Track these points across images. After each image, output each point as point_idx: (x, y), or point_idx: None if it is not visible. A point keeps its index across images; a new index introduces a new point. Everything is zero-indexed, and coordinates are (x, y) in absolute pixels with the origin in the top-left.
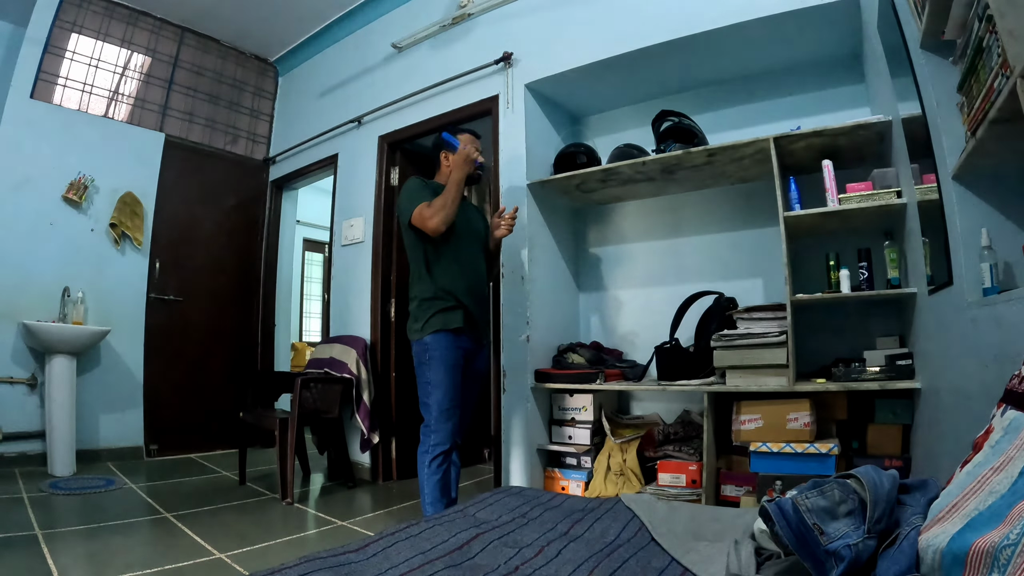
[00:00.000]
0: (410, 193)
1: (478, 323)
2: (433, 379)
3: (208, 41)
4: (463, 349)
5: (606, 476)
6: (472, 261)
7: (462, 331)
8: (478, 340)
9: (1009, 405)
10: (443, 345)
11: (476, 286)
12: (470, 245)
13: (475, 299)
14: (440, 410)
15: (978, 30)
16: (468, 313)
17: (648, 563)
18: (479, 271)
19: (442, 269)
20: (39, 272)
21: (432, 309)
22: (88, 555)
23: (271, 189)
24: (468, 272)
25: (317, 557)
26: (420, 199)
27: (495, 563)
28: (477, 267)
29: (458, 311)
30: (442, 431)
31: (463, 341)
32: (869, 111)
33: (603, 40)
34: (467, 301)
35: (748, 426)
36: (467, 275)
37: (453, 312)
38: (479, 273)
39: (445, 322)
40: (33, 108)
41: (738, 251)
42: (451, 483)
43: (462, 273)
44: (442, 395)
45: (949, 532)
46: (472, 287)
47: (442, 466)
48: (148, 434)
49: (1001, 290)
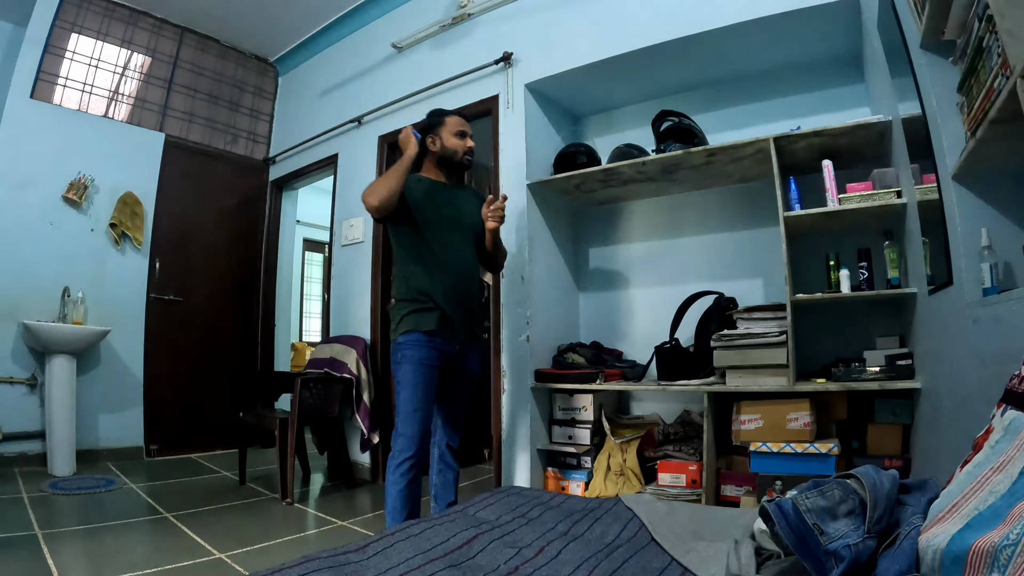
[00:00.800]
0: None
1: (456, 325)
2: (401, 378)
3: (208, 41)
4: (438, 350)
5: (606, 476)
6: (457, 256)
7: (436, 333)
8: (462, 342)
9: (1009, 405)
10: (413, 343)
11: (460, 285)
12: (457, 238)
13: (456, 299)
14: (404, 411)
15: (978, 30)
16: (445, 315)
17: (648, 563)
18: (465, 267)
19: (420, 268)
20: (39, 272)
21: (405, 310)
22: (88, 555)
23: (271, 189)
24: (450, 270)
25: (317, 557)
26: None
27: (495, 563)
28: (462, 263)
29: (433, 313)
30: (406, 435)
31: (438, 343)
32: (869, 111)
33: (603, 40)
34: (445, 302)
35: (748, 426)
36: (448, 273)
37: (427, 314)
38: (465, 269)
39: (417, 323)
40: (33, 108)
41: (738, 251)
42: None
43: (442, 271)
44: (409, 394)
45: (949, 532)
46: (454, 287)
47: (407, 474)
48: (148, 434)
49: (1001, 290)
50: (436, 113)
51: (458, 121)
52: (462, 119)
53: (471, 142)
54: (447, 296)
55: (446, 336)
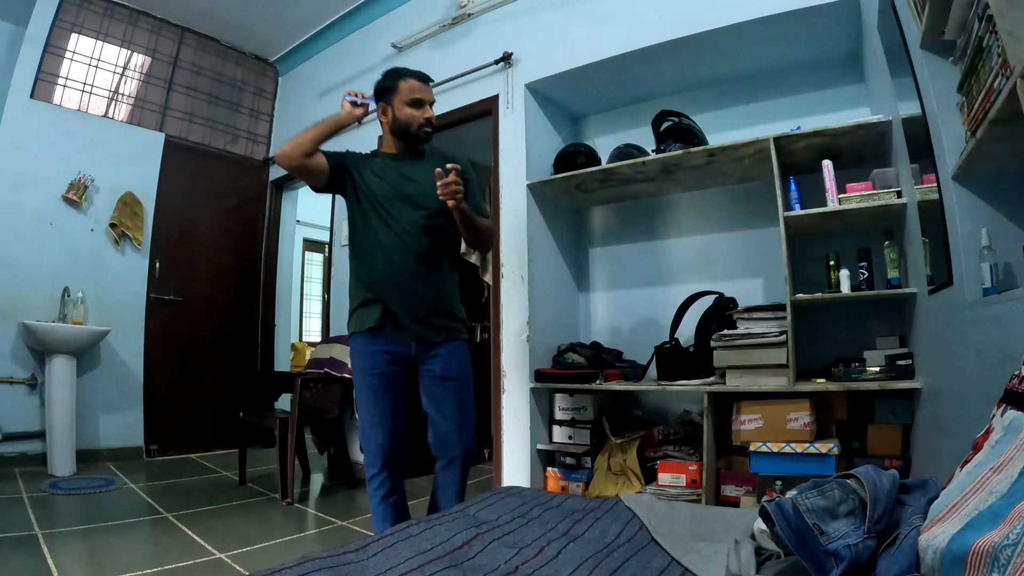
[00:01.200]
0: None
1: (403, 320)
2: (356, 390)
3: (208, 41)
4: (387, 352)
5: (606, 476)
6: (407, 239)
7: (379, 331)
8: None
9: (1009, 405)
10: (358, 349)
11: (411, 272)
12: (410, 217)
13: (405, 289)
14: (362, 427)
15: (978, 30)
16: (387, 309)
17: (648, 563)
18: (419, 251)
19: (363, 253)
20: (39, 272)
21: (352, 304)
22: (88, 555)
23: (271, 189)
24: (397, 255)
25: (317, 557)
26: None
27: (495, 563)
28: (415, 246)
29: (374, 307)
30: (369, 450)
31: (383, 343)
32: (869, 111)
33: (603, 40)
34: (388, 293)
35: (748, 426)
36: (393, 259)
37: (368, 308)
38: (420, 253)
39: (359, 322)
40: (33, 108)
41: (738, 251)
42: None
43: (386, 256)
44: (362, 408)
45: (949, 532)
46: (401, 274)
47: (379, 489)
48: (148, 434)
49: (1001, 290)
50: (389, 75)
51: (413, 87)
52: (421, 83)
53: (430, 111)
54: (391, 285)
55: (391, 334)
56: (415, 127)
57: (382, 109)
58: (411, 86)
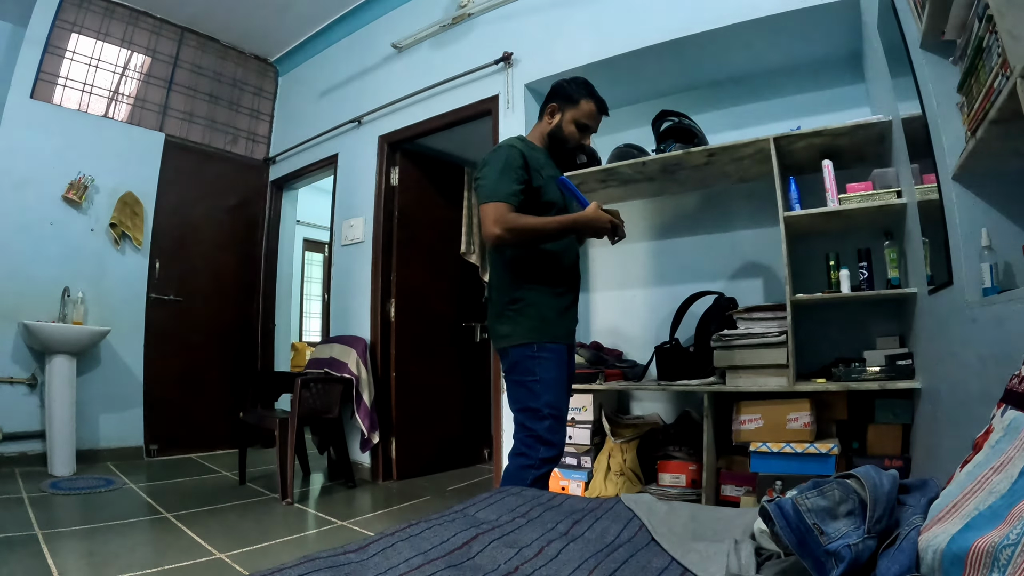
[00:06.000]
0: (497, 164)
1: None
2: (543, 384)
3: (208, 41)
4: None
5: (606, 476)
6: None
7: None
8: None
9: (1009, 405)
10: (560, 358)
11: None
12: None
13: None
14: (549, 421)
15: (978, 30)
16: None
17: (648, 563)
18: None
19: (558, 248)
20: (39, 272)
21: (545, 309)
22: (88, 555)
23: (271, 189)
24: (574, 253)
25: (317, 557)
26: (504, 182)
27: (495, 563)
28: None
29: (573, 310)
30: (557, 445)
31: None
32: (869, 111)
33: (603, 40)
34: (576, 293)
35: (748, 426)
36: (573, 257)
37: (571, 312)
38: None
39: (565, 327)
40: (33, 108)
41: (738, 251)
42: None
43: (570, 254)
44: (554, 403)
45: (949, 532)
46: (577, 274)
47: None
48: (148, 434)
49: (1001, 290)
50: (579, 86)
51: (591, 113)
52: (599, 113)
53: (588, 140)
54: (576, 286)
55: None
56: (569, 146)
57: (553, 109)
58: (590, 111)
